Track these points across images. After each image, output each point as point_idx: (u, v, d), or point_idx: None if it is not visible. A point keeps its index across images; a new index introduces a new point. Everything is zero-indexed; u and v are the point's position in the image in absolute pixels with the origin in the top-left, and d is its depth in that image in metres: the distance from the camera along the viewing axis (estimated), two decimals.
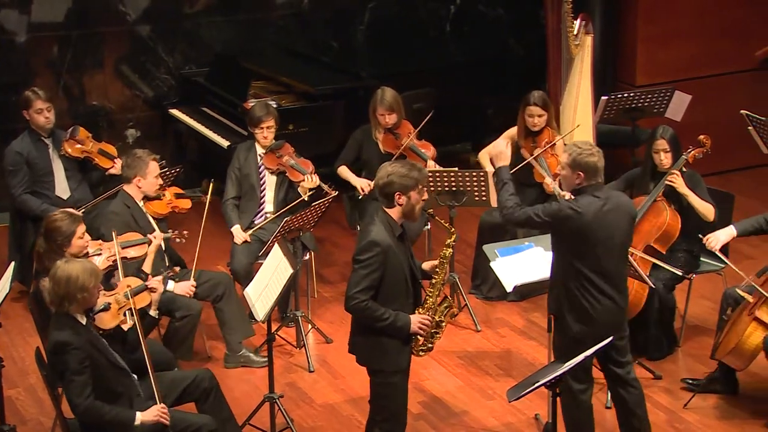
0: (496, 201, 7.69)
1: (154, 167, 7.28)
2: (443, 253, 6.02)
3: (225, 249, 8.09)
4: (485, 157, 8.28)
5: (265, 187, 8.01)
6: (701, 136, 7.44)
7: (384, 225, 5.78)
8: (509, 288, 6.92)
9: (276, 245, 6.44)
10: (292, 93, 9.61)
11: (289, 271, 6.15)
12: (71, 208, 7.42)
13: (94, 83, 10.03)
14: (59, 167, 8.20)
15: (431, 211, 6.15)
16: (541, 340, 7.54)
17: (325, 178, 7.98)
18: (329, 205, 7.58)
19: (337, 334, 7.74)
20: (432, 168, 7.94)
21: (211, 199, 7.48)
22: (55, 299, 5.74)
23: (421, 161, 8.01)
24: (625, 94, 8.64)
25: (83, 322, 5.78)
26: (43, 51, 9.81)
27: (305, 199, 7.83)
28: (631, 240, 6.07)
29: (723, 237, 6.92)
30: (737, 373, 6.93)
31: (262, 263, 6.50)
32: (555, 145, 8.00)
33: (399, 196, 5.79)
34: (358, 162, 8.41)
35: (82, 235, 6.49)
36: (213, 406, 6.26)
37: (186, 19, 10.21)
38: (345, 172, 8.30)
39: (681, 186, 7.27)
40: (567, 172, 5.91)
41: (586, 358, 5.58)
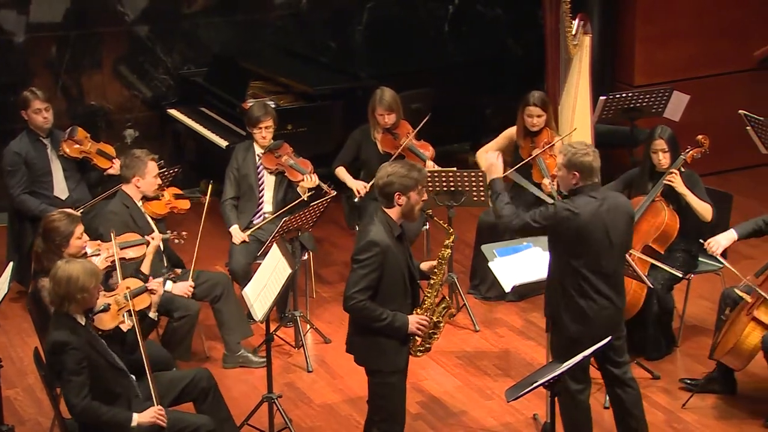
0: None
1: (152, 167, 7.28)
2: (442, 253, 6.02)
3: (223, 249, 8.08)
4: (483, 156, 8.29)
5: (263, 187, 8.01)
6: (699, 136, 7.44)
7: (383, 225, 5.78)
8: (507, 288, 6.92)
9: (274, 245, 6.45)
10: (290, 93, 9.61)
11: (288, 271, 6.15)
12: (70, 208, 7.42)
13: (92, 83, 10.03)
14: (58, 167, 8.20)
15: (430, 211, 6.15)
16: (540, 340, 7.54)
17: (323, 178, 7.98)
18: (328, 205, 7.58)
19: (335, 334, 7.74)
20: (430, 168, 7.94)
21: (210, 200, 7.48)
22: (55, 299, 5.74)
23: (420, 161, 8.01)
24: (624, 94, 8.64)
25: (82, 323, 5.78)
26: (41, 51, 9.81)
27: (305, 199, 7.83)
28: (629, 240, 6.07)
29: (724, 241, 6.90)
30: (735, 373, 6.93)
31: (261, 263, 6.51)
32: (554, 146, 8.00)
33: (399, 197, 5.79)
34: (356, 162, 8.41)
35: (81, 235, 6.48)
36: (211, 406, 6.27)
37: (184, 19, 10.21)
38: (342, 174, 8.29)
39: (679, 185, 7.27)
40: (563, 172, 5.92)
41: (585, 359, 5.58)
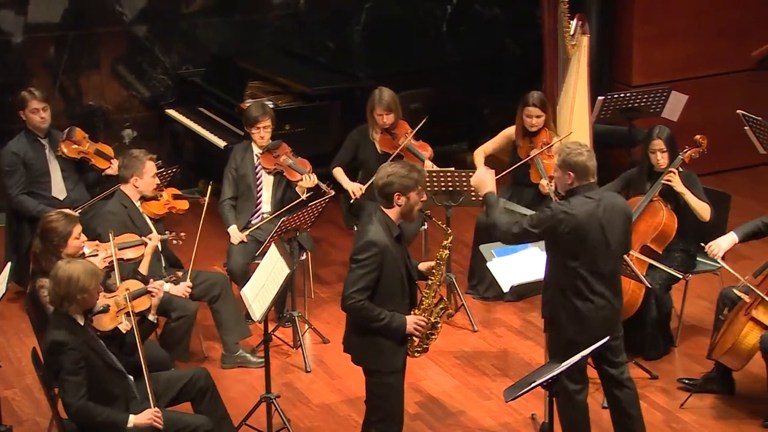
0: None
1: (150, 167, 7.27)
2: (440, 254, 6.02)
3: (222, 249, 8.08)
4: (480, 155, 8.30)
5: (261, 187, 8.00)
6: (698, 136, 7.44)
7: (382, 225, 5.78)
8: (506, 288, 6.93)
9: (273, 245, 6.44)
10: (288, 93, 9.61)
11: (286, 271, 6.15)
12: (68, 208, 7.41)
13: (90, 84, 10.02)
14: (56, 168, 8.20)
15: (428, 212, 6.15)
16: (538, 340, 7.54)
17: (322, 178, 7.98)
18: (326, 205, 7.58)
19: (333, 334, 7.74)
20: (429, 168, 7.94)
21: (209, 200, 7.48)
22: (55, 299, 5.74)
23: (419, 161, 8.01)
24: (622, 94, 8.64)
25: (81, 323, 5.78)
26: (39, 51, 9.81)
27: (304, 199, 7.82)
28: (628, 241, 6.05)
29: (724, 244, 6.86)
30: (734, 373, 6.93)
31: (259, 263, 6.51)
32: (552, 146, 7.99)
33: (398, 197, 5.79)
34: (354, 162, 8.42)
35: (79, 235, 6.48)
36: (209, 406, 6.26)
37: (183, 19, 10.21)
38: (339, 175, 8.29)
39: (678, 185, 7.27)
40: (559, 173, 5.93)
41: (582, 359, 5.58)
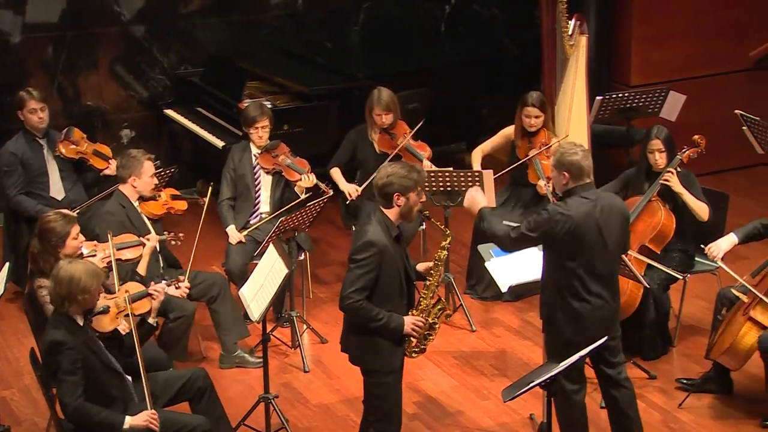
0: (492, 201, 7.74)
1: (149, 167, 7.27)
2: (438, 255, 6.02)
3: (220, 249, 8.08)
4: (478, 155, 8.30)
5: (260, 187, 8.00)
6: (696, 136, 7.45)
7: (381, 225, 5.78)
8: (504, 288, 6.93)
9: (271, 245, 6.44)
10: (286, 93, 9.61)
11: (284, 271, 6.15)
12: (66, 208, 7.41)
13: (88, 84, 10.02)
14: (54, 168, 8.19)
15: (427, 212, 6.14)
16: (536, 340, 7.54)
17: (320, 178, 7.98)
18: (324, 205, 7.57)
19: (332, 334, 7.73)
20: (427, 168, 7.94)
21: (208, 201, 7.48)
22: (56, 299, 5.73)
23: (417, 161, 8.02)
24: (620, 94, 8.65)
25: (81, 323, 5.77)
26: (37, 52, 9.80)
27: (303, 199, 7.81)
28: (626, 241, 6.04)
29: (724, 245, 6.86)
30: (732, 373, 6.94)
31: (257, 263, 6.51)
32: (551, 147, 7.99)
33: (398, 197, 5.79)
34: (352, 162, 8.42)
35: (77, 235, 6.48)
36: (207, 406, 6.26)
37: (181, 19, 10.21)
38: (336, 175, 8.29)
39: (676, 185, 7.27)
40: (554, 173, 5.93)
41: (581, 359, 5.58)
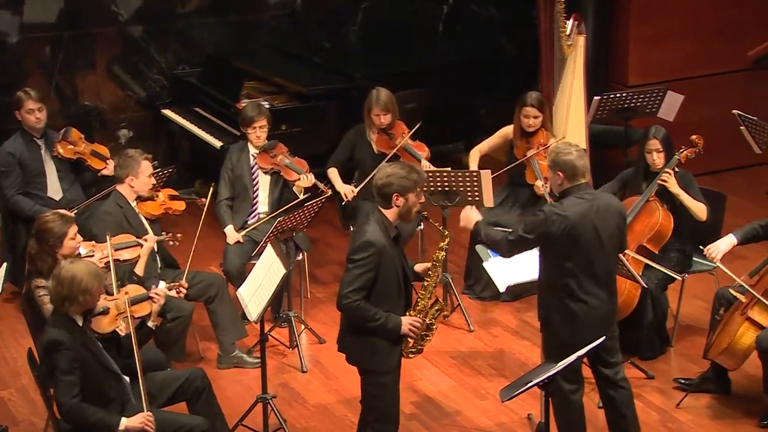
0: (490, 201, 7.75)
1: (146, 166, 7.27)
2: (436, 256, 6.01)
3: (218, 249, 8.08)
4: (476, 155, 8.30)
5: (258, 187, 8.00)
6: (693, 136, 7.45)
7: (379, 225, 5.78)
8: (502, 288, 6.93)
9: (269, 246, 6.44)
10: (284, 93, 9.61)
11: (282, 271, 6.15)
12: (63, 209, 7.41)
13: (86, 84, 10.02)
14: (52, 168, 8.19)
15: (425, 213, 6.14)
16: (534, 340, 7.53)
17: (318, 178, 7.98)
18: (322, 205, 7.57)
19: (330, 334, 7.73)
20: (426, 168, 7.94)
21: (206, 201, 7.47)
22: (57, 299, 5.72)
23: (415, 161, 8.02)
24: (618, 94, 8.65)
25: (80, 324, 5.77)
26: (35, 52, 9.80)
27: (302, 199, 7.80)
28: (623, 241, 6.04)
29: (723, 246, 6.85)
30: (729, 373, 6.94)
31: (255, 264, 6.50)
32: (548, 147, 7.98)
33: (397, 198, 5.78)
34: (350, 162, 8.42)
35: (74, 236, 6.48)
36: (204, 406, 6.26)
37: (178, 19, 10.20)
38: (332, 176, 8.28)
39: (673, 186, 7.28)
40: (550, 173, 5.94)
41: (579, 359, 5.58)
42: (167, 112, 9.93)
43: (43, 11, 9.76)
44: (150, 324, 6.14)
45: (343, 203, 8.25)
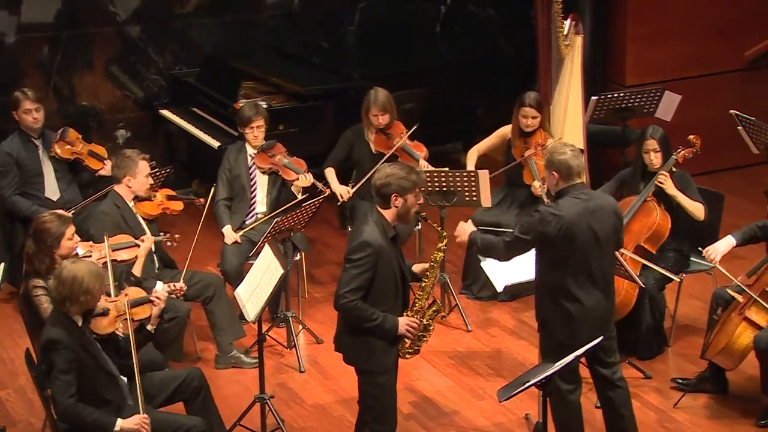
0: (488, 201, 7.75)
1: (143, 166, 7.27)
2: (434, 257, 6.01)
3: (215, 250, 8.08)
4: (473, 155, 8.30)
5: (255, 187, 8.00)
6: (691, 136, 7.45)
7: (377, 226, 5.78)
8: (500, 288, 6.95)
9: (266, 246, 6.44)
10: (282, 93, 9.61)
11: (280, 271, 6.15)
12: (61, 209, 7.42)
13: (84, 84, 10.01)
14: (49, 168, 8.19)
15: (424, 214, 6.13)
16: (532, 340, 7.53)
17: (316, 178, 7.98)
18: (320, 205, 7.57)
19: (327, 334, 7.71)
20: (423, 168, 7.94)
21: (206, 202, 7.47)
22: (58, 298, 5.72)
23: (413, 161, 8.01)
24: (615, 94, 8.65)
25: (79, 324, 5.77)
26: (32, 52, 9.79)
27: (301, 199, 7.80)
28: (619, 239, 6.04)
29: (722, 248, 6.85)
30: (727, 373, 6.94)
31: (253, 264, 6.50)
32: (546, 147, 7.99)
33: (396, 198, 5.78)
34: (347, 162, 8.42)
35: (72, 236, 6.47)
36: (201, 406, 6.25)
37: (176, 19, 10.20)
38: (329, 176, 8.28)
39: (670, 187, 7.28)
40: (546, 174, 5.94)
41: (576, 359, 5.58)
42: (165, 113, 9.92)
43: (40, 11, 9.75)
44: (149, 327, 6.12)
45: (338, 203, 8.25)
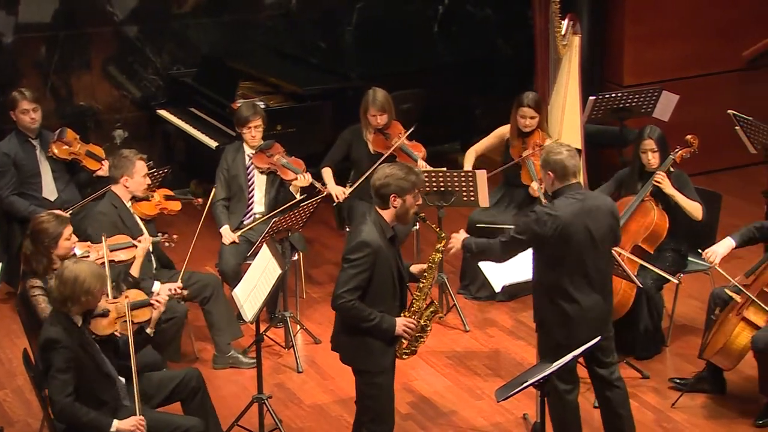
0: (486, 201, 7.75)
1: (141, 166, 7.26)
2: (432, 257, 6.01)
3: (213, 250, 8.07)
4: (471, 155, 8.30)
5: (253, 187, 8.00)
6: (689, 136, 7.45)
7: (376, 226, 5.78)
8: (498, 288, 6.95)
9: (264, 246, 6.44)
10: (280, 93, 9.60)
11: (278, 271, 6.15)
12: (58, 209, 7.41)
13: (81, 84, 10.01)
14: (47, 169, 8.19)
15: (423, 214, 6.13)
16: (530, 340, 7.53)
17: (314, 178, 7.98)
18: (318, 206, 7.57)
19: (325, 334, 7.70)
20: (422, 168, 7.94)
21: (204, 202, 7.47)
22: (59, 298, 5.71)
23: (412, 161, 8.01)
24: (613, 94, 8.65)
25: (79, 324, 5.76)
26: (30, 52, 9.79)
27: (299, 199, 7.79)
28: (615, 239, 6.04)
29: (721, 250, 6.84)
30: (725, 373, 6.94)
31: (251, 264, 6.50)
32: (544, 148, 7.98)
33: (394, 198, 5.78)
34: (344, 162, 8.42)
35: (69, 236, 6.47)
36: (199, 406, 6.25)
37: (174, 19, 10.19)
38: (326, 176, 8.28)
39: (667, 187, 7.28)
40: (542, 173, 5.94)
41: (574, 359, 5.58)
42: (162, 113, 9.92)
43: (38, 11, 9.74)
44: (148, 330, 6.10)
45: (334, 204, 8.25)
